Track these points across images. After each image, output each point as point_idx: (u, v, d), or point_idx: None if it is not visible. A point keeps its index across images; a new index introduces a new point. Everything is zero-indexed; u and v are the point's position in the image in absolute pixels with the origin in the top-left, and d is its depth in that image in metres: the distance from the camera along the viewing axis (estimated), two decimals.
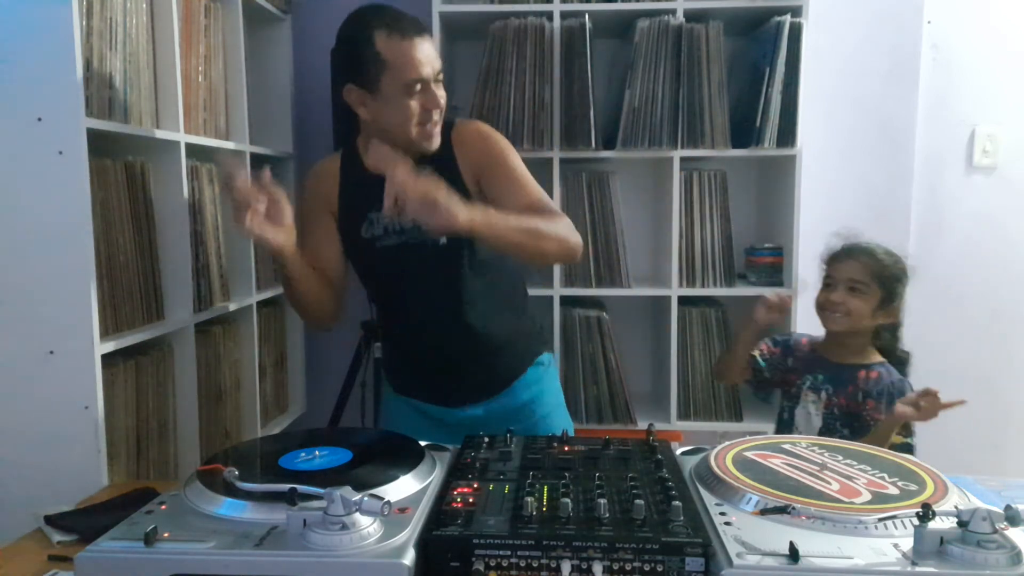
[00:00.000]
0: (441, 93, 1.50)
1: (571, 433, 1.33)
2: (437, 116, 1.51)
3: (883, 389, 1.66)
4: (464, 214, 1.31)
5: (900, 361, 1.75)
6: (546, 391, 1.72)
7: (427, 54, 1.47)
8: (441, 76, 1.51)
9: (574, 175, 2.34)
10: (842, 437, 1.64)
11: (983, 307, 2.61)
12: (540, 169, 2.10)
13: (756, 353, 1.80)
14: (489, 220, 1.37)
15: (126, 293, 1.65)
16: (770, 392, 1.86)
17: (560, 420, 1.72)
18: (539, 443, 1.18)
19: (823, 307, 1.69)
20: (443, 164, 1.52)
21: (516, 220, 1.43)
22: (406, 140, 1.51)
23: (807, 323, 2.32)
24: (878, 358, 1.72)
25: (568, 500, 0.91)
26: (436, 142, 1.52)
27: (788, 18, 2.17)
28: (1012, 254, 2.59)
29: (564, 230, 1.52)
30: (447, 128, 1.59)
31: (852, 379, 1.68)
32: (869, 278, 1.64)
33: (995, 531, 0.80)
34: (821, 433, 1.67)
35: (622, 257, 2.33)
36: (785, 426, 1.77)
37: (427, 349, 1.63)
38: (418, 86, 1.46)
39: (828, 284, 1.70)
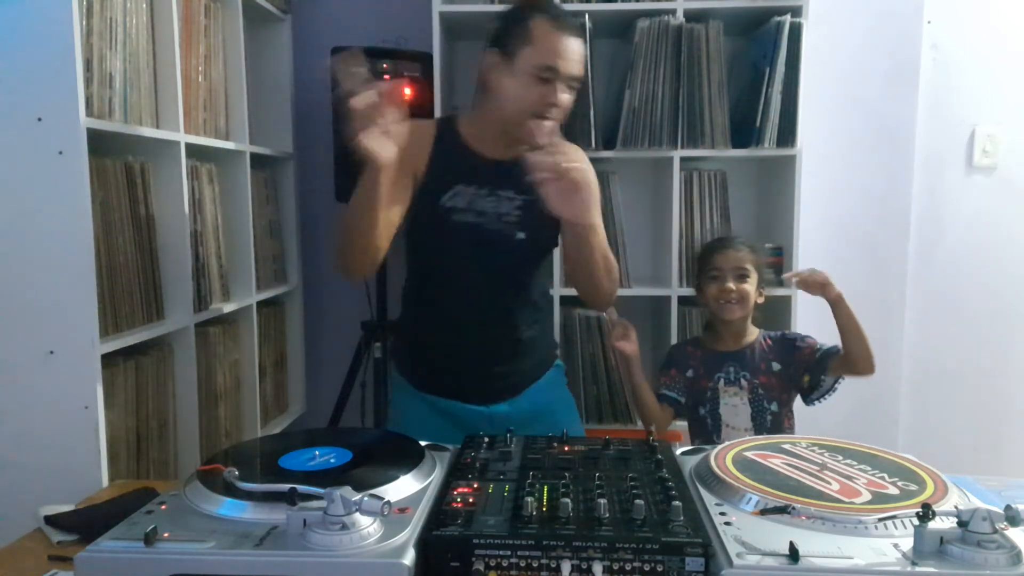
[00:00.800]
0: (567, 98, 1.50)
1: None
2: (554, 115, 1.49)
3: (779, 344, 1.78)
4: (595, 212, 1.40)
5: None
6: (562, 395, 1.76)
7: (572, 52, 1.47)
8: (576, 85, 1.51)
9: None
10: (771, 414, 1.73)
11: (983, 307, 2.61)
12: None
13: (664, 392, 1.83)
14: (599, 230, 1.46)
15: (126, 293, 1.65)
16: (694, 412, 1.87)
17: (576, 426, 1.75)
18: (539, 443, 1.17)
19: (718, 298, 1.77)
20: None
21: (606, 247, 1.54)
22: (515, 122, 1.49)
23: (807, 321, 2.33)
24: (756, 330, 1.83)
25: (568, 500, 0.91)
26: (542, 140, 1.48)
27: (788, 18, 2.17)
28: (1012, 254, 2.59)
29: (618, 278, 1.64)
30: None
31: (759, 355, 1.77)
32: (750, 264, 1.78)
33: (995, 531, 0.80)
34: (753, 418, 1.74)
35: (622, 257, 2.33)
36: (711, 430, 1.78)
37: (466, 337, 1.59)
38: (549, 74, 1.46)
39: (715, 276, 1.78)
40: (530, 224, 1.55)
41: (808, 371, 1.73)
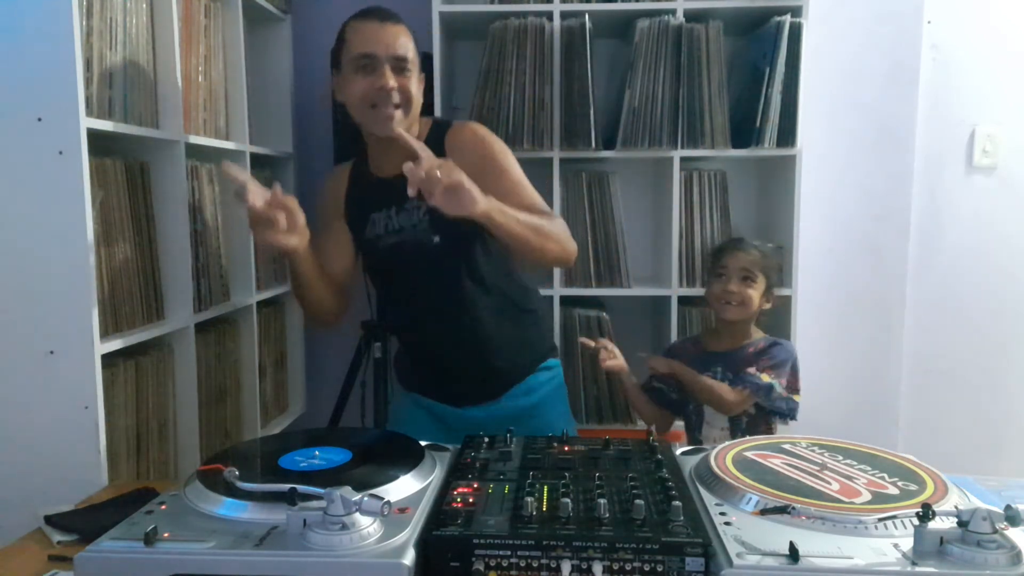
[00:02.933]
0: (399, 81, 1.50)
1: None
2: (394, 99, 1.50)
3: (767, 349, 1.77)
4: (483, 202, 1.35)
5: None
6: (551, 397, 1.72)
7: (383, 36, 1.50)
8: (406, 65, 1.52)
9: (574, 175, 2.34)
10: (748, 416, 1.75)
11: (983, 307, 2.61)
12: (540, 169, 2.10)
13: (654, 383, 1.86)
14: (502, 210, 1.41)
15: (126, 293, 1.65)
16: (682, 407, 1.87)
17: (563, 427, 1.71)
18: (539, 443, 1.18)
19: (719, 298, 1.78)
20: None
21: (525, 216, 1.47)
22: (362, 122, 1.54)
23: (807, 322, 2.33)
24: (760, 334, 1.83)
25: (568, 500, 0.91)
26: (388, 128, 1.49)
27: (788, 18, 2.17)
28: (1012, 254, 2.59)
29: (563, 233, 1.56)
30: (442, 130, 1.60)
31: (745, 359, 1.77)
32: (757, 268, 1.78)
33: (995, 531, 0.80)
34: (730, 419, 1.76)
35: (622, 257, 2.34)
36: (696, 426, 1.82)
37: (427, 347, 1.66)
38: (365, 62, 1.49)
39: (721, 275, 1.79)
40: (441, 226, 1.53)
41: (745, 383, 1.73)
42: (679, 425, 2.31)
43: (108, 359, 1.54)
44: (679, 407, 1.86)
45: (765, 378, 1.72)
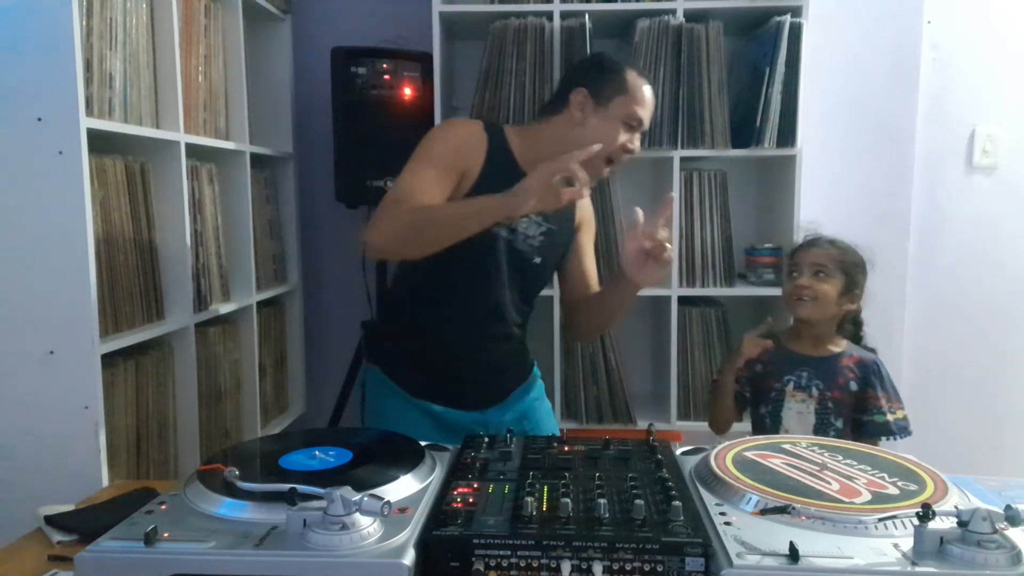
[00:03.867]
0: (638, 147, 1.61)
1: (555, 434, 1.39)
2: (619, 162, 1.60)
3: (868, 370, 1.69)
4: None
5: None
6: (541, 396, 1.80)
7: (652, 108, 1.61)
8: (644, 133, 1.63)
9: None
10: (836, 430, 1.66)
11: (983, 307, 2.61)
12: None
13: (739, 377, 1.79)
14: None
15: (126, 293, 1.65)
16: (746, 408, 1.82)
17: (551, 426, 1.80)
18: (539, 443, 1.17)
19: (791, 294, 1.71)
20: (568, 206, 1.58)
21: None
22: (585, 163, 1.46)
23: None
24: (844, 342, 1.74)
25: (568, 500, 0.90)
26: (595, 181, 1.51)
27: (788, 18, 2.17)
28: (1012, 254, 2.59)
29: None
30: None
31: (838, 370, 1.68)
32: (832, 263, 1.68)
33: (995, 531, 0.80)
34: (816, 430, 1.67)
35: (622, 257, 2.33)
36: (769, 431, 1.72)
37: (461, 342, 1.62)
38: (635, 123, 1.57)
39: (793, 272, 1.73)
40: (548, 252, 1.63)
41: (854, 420, 1.67)
42: (678, 425, 2.32)
43: (108, 359, 1.54)
44: (749, 405, 1.78)
45: (900, 414, 1.64)
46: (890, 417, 1.65)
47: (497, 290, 1.60)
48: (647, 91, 1.58)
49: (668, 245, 1.44)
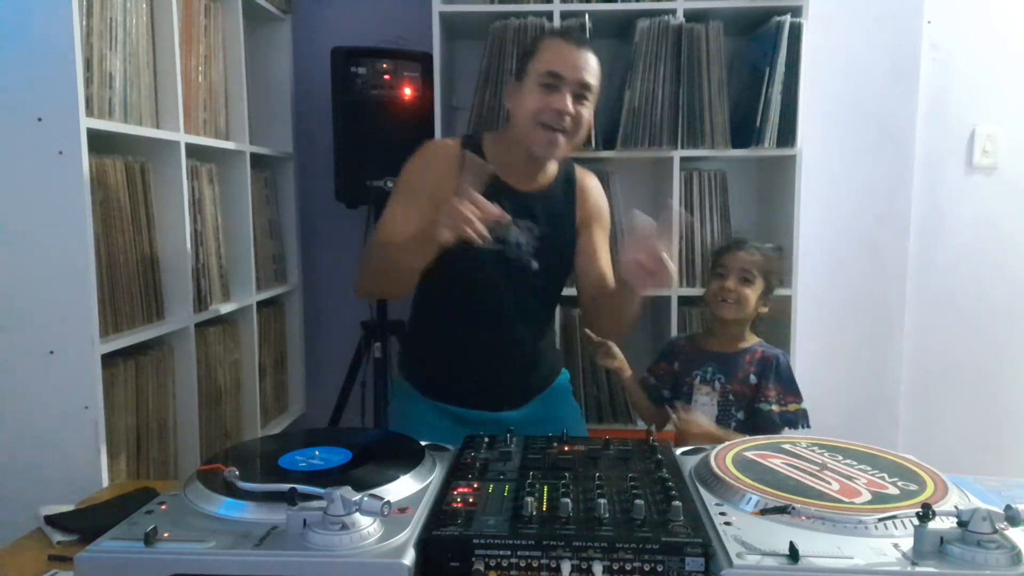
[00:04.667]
0: (577, 108, 1.49)
1: None
2: (565, 124, 1.49)
3: (767, 364, 1.75)
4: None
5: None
6: (570, 402, 1.80)
7: (577, 58, 1.48)
8: (586, 94, 1.51)
9: None
10: (737, 421, 1.73)
11: (983, 307, 2.61)
12: None
13: (649, 379, 1.86)
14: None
15: (126, 293, 1.65)
16: (665, 403, 1.87)
17: (580, 432, 1.75)
18: (539, 443, 1.17)
19: (716, 295, 1.77)
20: (565, 199, 1.61)
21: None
22: (525, 134, 1.50)
23: (807, 324, 2.33)
24: (755, 339, 1.81)
25: (568, 500, 0.90)
26: (552, 152, 1.51)
27: (788, 18, 2.17)
28: (1012, 254, 2.59)
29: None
30: (571, 166, 1.66)
31: (740, 364, 1.76)
32: (756, 269, 1.76)
33: (995, 531, 0.80)
34: (717, 420, 1.74)
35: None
36: None
37: (478, 353, 1.63)
38: (552, 79, 1.47)
39: (720, 274, 1.78)
40: (546, 255, 1.59)
41: (748, 410, 1.72)
42: None
43: (108, 359, 1.54)
44: (669, 403, 1.84)
45: (793, 408, 1.69)
46: (776, 408, 1.70)
47: (498, 300, 1.59)
48: (564, 46, 1.49)
49: (670, 264, 1.38)
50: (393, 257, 1.44)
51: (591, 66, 1.50)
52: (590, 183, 1.69)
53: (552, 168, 1.62)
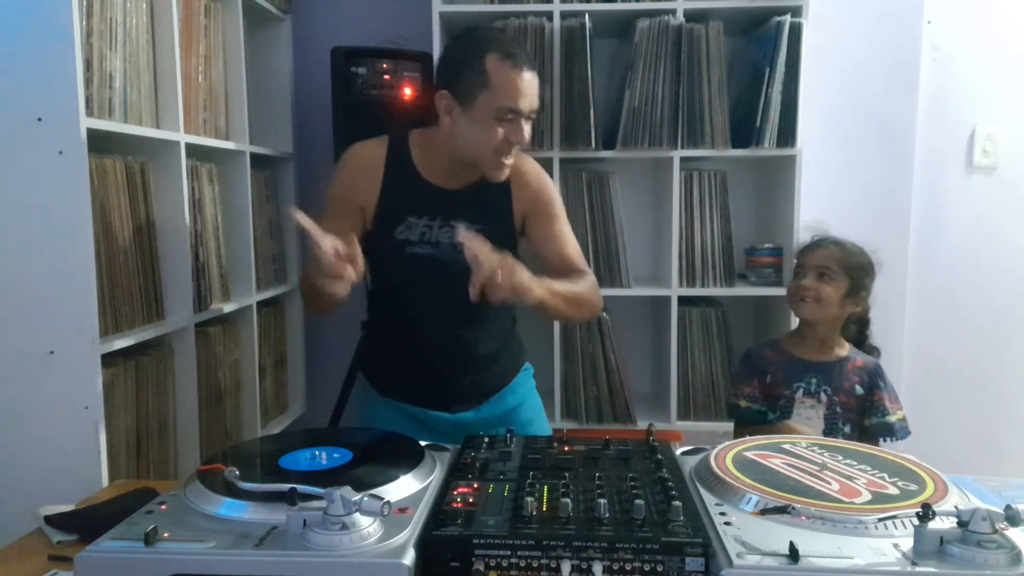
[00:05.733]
0: (529, 130, 1.49)
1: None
2: (515, 151, 1.51)
3: (871, 372, 1.69)
4: (536, 291, 1.38)
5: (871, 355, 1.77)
6: (529, 397, 1.76)
7: (531, 89, 1.46)
8: (534, 115, 1.50)
9: (574, 175, 2.34)
10: (844, 435, 1.65)
11: (983, 307, 2.61)
12: None
13: (747, 405, 1.72)
14: (552, 292, 1.44)
15: (126, 293, 1.65)
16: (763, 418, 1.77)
17: (541, 426, 1.77)
18: (539, 443, 1.18)
19: (794, 294, 1.70)
20: (498, 192, 1.57)
21: (566, 289, 1.51)
22: (475, 162, 1.50)
23: None
24: (849, 346, 1.74)
25: (568, 500, 0.91)
26: (504, 174, 1.51)
27: (788, 18, 2.17)
28: (1012, 254, 2.59)
29: (595, 294, 1.61)
30: None
31: (844, 374, 1.69)
32: (836, 265, 1.67)
33: (995, 531, 0.80)
34: (824, 435, 1.65)
35: (622, 257, 2.34)
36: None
37: (426, 355, 1.62)
38: (511, 116, 1.45)
39: (798, 273, 1.72)
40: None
41: (859, 423, 1.67)
42: (678, 425, 2.32)
43: (108, 359, 1.54)
44: (761, 417, 1.71)
45: (900, 415, 1.65)
46: (892, 418, 1.66)
47: (439, 302, 1.55)
48: (519, 77, 1.43)
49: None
50: (307, 289, 1.51)
51: (537, 88, 1.49)
52: (526, 168, 1.61)
53: None
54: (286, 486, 0.89)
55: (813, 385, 1.68)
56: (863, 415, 1.68)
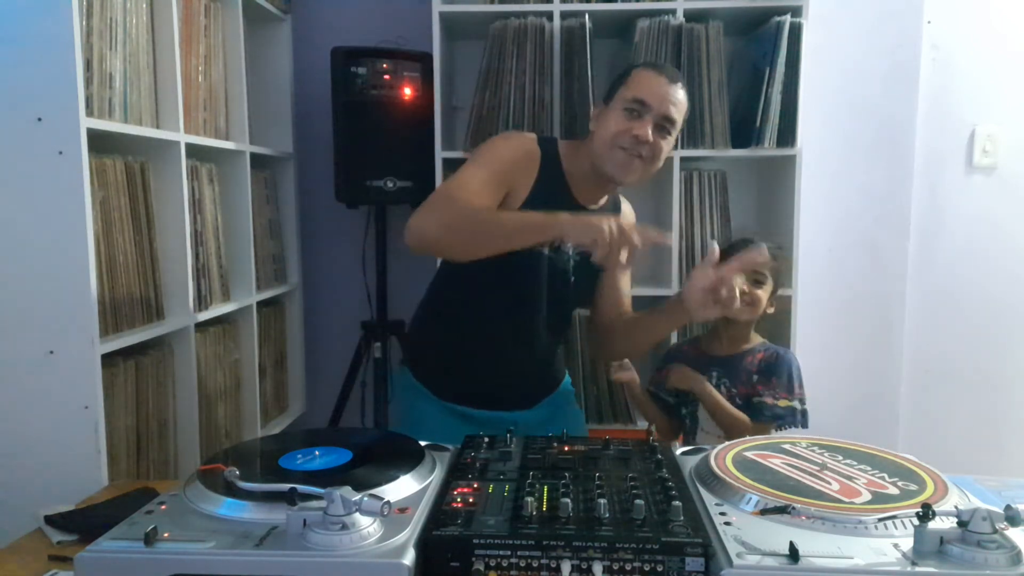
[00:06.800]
0: (657, 138, 1.51)
1: None
2: (643, 152, 1.52)
3: (768, 363, 1.73)
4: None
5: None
6: (572, 402, 1.83)
7: (666, 92, 1.51)
8: (670, 127, 1.53)
9: None
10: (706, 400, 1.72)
11: (983, 307, 2.61)
12: None
13: (652, 389, 1.85)
14: None
15: (126, 293, 1.65)
16: (677, 411, 1.86)
17: (582, 427, 1.84)
18: (539, 443, 1.17)
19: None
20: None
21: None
22: (603, 156, 1.52)
23: (807, 325, 2.33)
24: (758, 339, 1.79)
25: (568, 500, 0.90)
26: (626, 175, 1.53)
27: (788, 18, 2.17)
28: (1012, 254, 2.59)
29: None
30: (617, 196, 1.71)
31: (743, 367, 1.74)
32: (768, 270, 1.74)
33: (995, 531, 0.80)
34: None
35: None
36: (689, 431, 1.80)
37: (493, 354, 1.64)
38: (637, 106, 1.50)
39: None
40: (582, 272, 1.61)
41: (751, 407, 1.70)
42: None
43: (108, 359, 1.54)
44: (675, 411, 1.84)
45: (783, 404, 1.68)
46: (767, 400, 1.68)
47: (533, 304, 1.61)
48: (654, 77, 1.53)
49: (737, 292, 1.40)
50: (495, 226, 1.41)
51: (679, 100, 1.53)
52: (627, 210, 1.73)
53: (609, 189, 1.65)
54: (286, 486, 0.89)
55: (715, 379, 1.75)
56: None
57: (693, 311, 1.45)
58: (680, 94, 1.54)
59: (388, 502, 0.84)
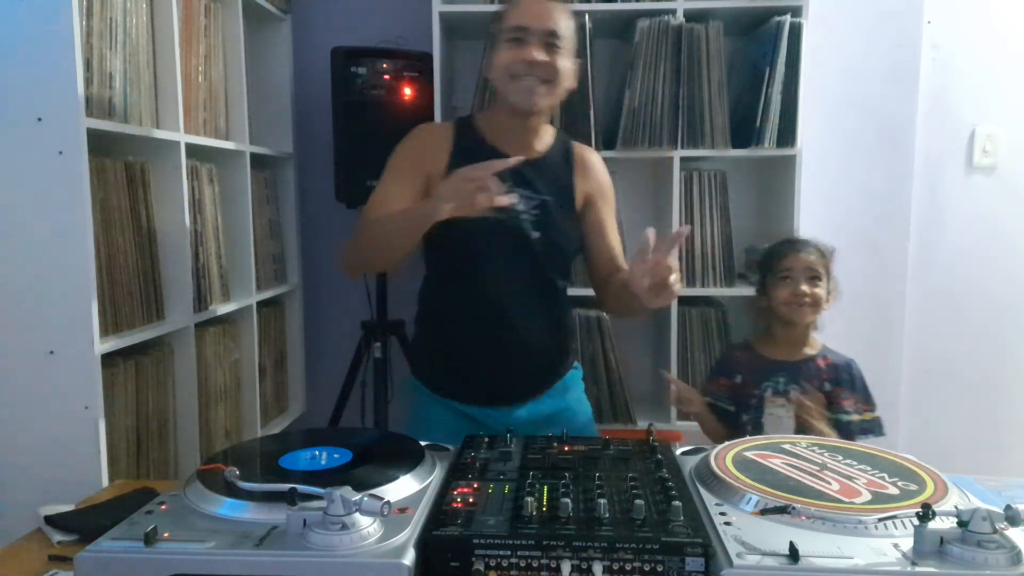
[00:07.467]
0: (551, 57, 1.48)
1: None
2: (539, 74, 1.49)
3: (840, 371, 1.70)
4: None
5: None
6: (580, 397, 1.74)
7: (538, 10, 1.49)
8: (557, 42, 1.50)
9: None
10: (818, 432, 1.66)
11: (983, 307, 2.61)
12: None
13: (712, 402, 1.79)
14: None
15: (126, 293, 1.65)
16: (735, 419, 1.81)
17: (591, 429, 1.72)
18: (539, 443, 1.18)
19: (791, 301, 1.71)
20: (562, 168, 1.60)
21: None
22: (503, 92, 1.52)
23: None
24: (819, 344, 1.76)
25: (568, 500, 0.91)
26: (532, 100, 1.50)
27: (788, 18, 2.17)
28: (1012, 254, 2.59)
29: None
30: (567, 141, 1.66)
31: (812, 372, 1.70)
32: (822, 268, 1.72)
33: (995, 531, 0.80)
34: (796, 433, 1.66)
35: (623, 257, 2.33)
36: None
37: (484, 339, 1.58)
38: (520, 34, 1.48)
39: (786, 277, 1.72)
40: (546, 224, 1.54)
41: (836, 424, 1.66)
42: (678, 425, 2.32)
43: (108, 359, 1.54)
44: (734, 418, 1.78)
45: (869, 417, 1.66)
46: (855, 417, 1.66)
47: (499, 273, 1.55)
48: (523, 2, 1.50)
49: (675, 275, 1.34)
50: (386, 232, 1.45)
51: (557, 15, 1.51)
52: (592, 158, 1.67)
53: (547, 137, 1.61)
54: (286, 486, 0.89)
55: (781, 384, 1.70)
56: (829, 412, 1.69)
57: (646, 302, 1.38)
58: (557, 8, 1.51)
59: (388, 502, 0.84)
